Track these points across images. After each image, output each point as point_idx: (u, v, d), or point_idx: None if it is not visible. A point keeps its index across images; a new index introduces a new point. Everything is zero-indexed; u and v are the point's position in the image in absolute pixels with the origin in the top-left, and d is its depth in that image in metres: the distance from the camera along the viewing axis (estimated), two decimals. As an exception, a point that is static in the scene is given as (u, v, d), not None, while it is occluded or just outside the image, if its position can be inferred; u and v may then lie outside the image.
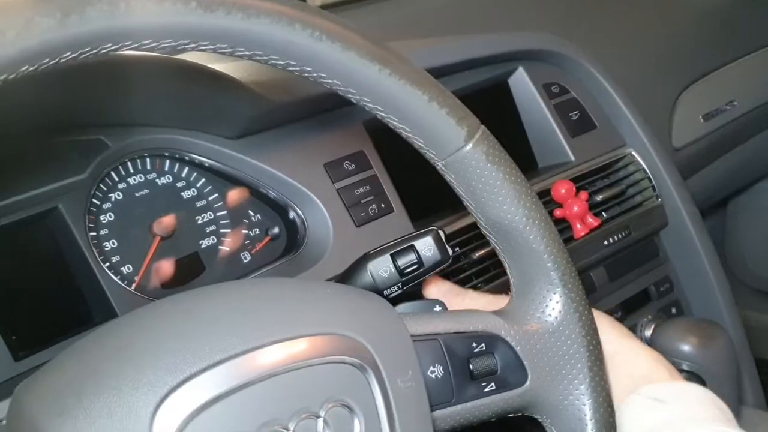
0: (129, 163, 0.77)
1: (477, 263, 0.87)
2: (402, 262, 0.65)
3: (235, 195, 0.82)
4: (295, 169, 0.81)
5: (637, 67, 1.09)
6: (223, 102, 0.73)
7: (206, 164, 0.80)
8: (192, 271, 0.78)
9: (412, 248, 0.65)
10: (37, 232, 0.69)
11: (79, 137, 0.72)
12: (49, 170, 0.70)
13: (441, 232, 0.66)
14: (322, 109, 0.84)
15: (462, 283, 0.82)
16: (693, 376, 0.81)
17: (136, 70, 0.66)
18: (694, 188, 1.07)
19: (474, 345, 0.53)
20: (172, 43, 0.39)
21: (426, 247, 0.65)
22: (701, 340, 0.81)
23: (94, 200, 0.73)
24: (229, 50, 0.41)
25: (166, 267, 0.76)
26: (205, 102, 0.74)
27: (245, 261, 0.81)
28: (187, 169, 0.80)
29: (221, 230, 0.81)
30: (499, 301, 0.60)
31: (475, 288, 0.85)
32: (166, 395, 0.38)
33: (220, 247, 0.80)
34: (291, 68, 0.45)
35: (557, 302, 0.54)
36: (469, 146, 0.51)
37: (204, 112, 0.75)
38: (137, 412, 0.37)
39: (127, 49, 0.38)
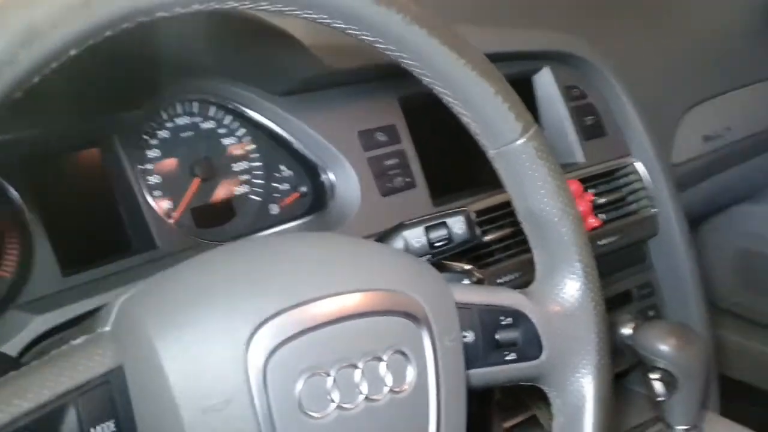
0: (178, 105, 0.80)
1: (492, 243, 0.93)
2: (434, 235, 0.70)
3: (271, 148, 0.86)
4: (332, 133, 0.85)
5: (650, 82, 1.15)
6: (282, 59, 0.77)
7: (247, 115, 0.84)
8: (224, 215, 0.82)
9: (445, 225, 0.71)
10: (90, 159, 0.73)
11: (140, 74, 0.75)
12: (109, 101, 0.73)
13: (472, 214, 0.71)
14: (364, 80, 0.89)
15: (478, 259, 0.88)
16: (667, 375, 0.88)
17: (205, 19, 0.70)
18: (683, 202, 1.13)
19: (501, 318, 0.58)
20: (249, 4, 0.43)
21: (457, 225, 0.71)
22: (679, 343, 0.88)
23: (143, 136, 0.77)
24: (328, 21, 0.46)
25: (202, 208, 0.80)
26: (265, 57, 0.77)
27: (273, 213, 0.86)
28: (230, 117, 0.84)
29: (254, 180, 0.85)
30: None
31: (487, 265, 0.90)
32: (263, 323, 0.42)
33: (251, 196, 0.84)
34: (378, 45, 0.50)
35: (577, 290, 0.60)
36: (523, 140, 0.57)
37: (261, 67, 0.79)
38: (238, 332, 0.42)
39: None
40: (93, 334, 0.44)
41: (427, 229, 0.71)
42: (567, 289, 0.60)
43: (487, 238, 0.92)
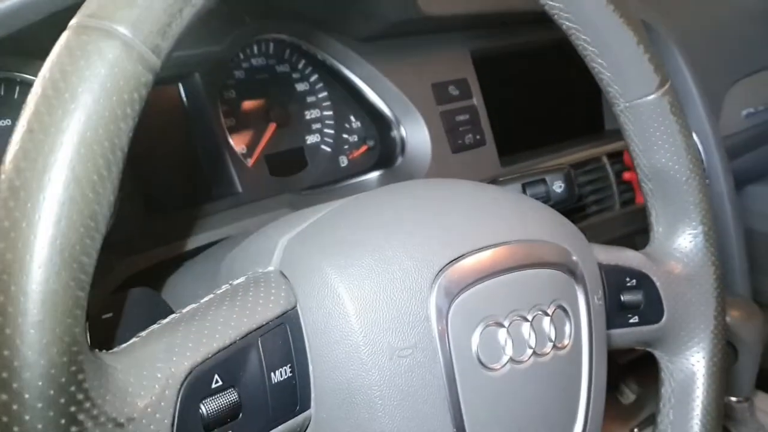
0: (255, 45, 0.76)
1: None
2: (531, 192, 0.68)
3: (342, 97, 0.82)
4: (407, 83, 0.82)
5: (702, 54, 1.13)
6: (371, 1, 0.73)
7: (321, 57, 0.80)
8: (297, 164, 0.78)
9: (543, 182, 0.68)
10: (171, 96, 0.68)
11: (221, 9, 0.70)
12: (191, 35, 0.69)
13: (572, 172, 0.69)
14: (439, 30, 0.85)
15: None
16: (728, 346, 0.87)
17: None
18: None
19: (627, 279, 0.56)
20: None
21: (557, 183, 0.68)
22: (741, 315, 0.87)
23: (222, 75, 0.73)
24: None
25: (276, 155, 0.76)
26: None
27: (343, 165, 0.82)
28: (303, 61, 0.80)
29: (325, 130, 0.81)
30: None
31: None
32: (446, 266, 0.39)
33: (322, 146, 0.81)
34: None
35: (699, 252, 0.58)
36: (658, 94, 0.54)
37: (346, 8, 0.75)
38: (423, 274, 0.39)
39: None
40: (255, 273, 0.40)
41: (525, 186, 0.68)
42: (688, 250, 0.58)
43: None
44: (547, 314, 0.44)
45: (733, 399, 0.90)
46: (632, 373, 0.92)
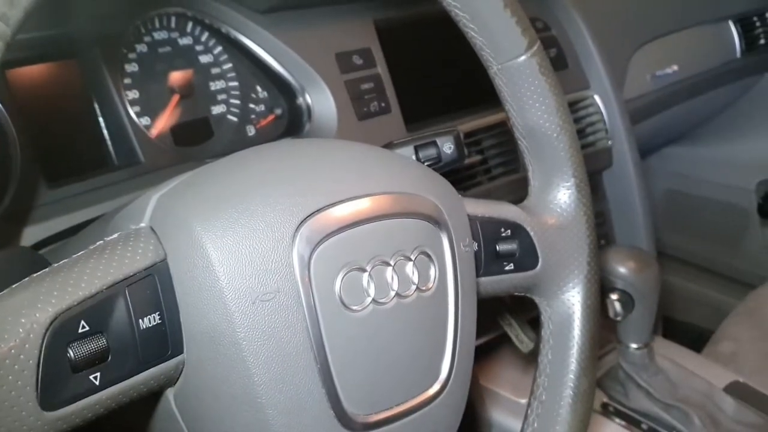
0: (156, 19, 0.78)
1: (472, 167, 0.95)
2: (423, 154, 0.71)
3: (247, 68, 0.84)
4: (310, 53, 0.84)
5: (606, 18, 1.18)
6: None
7: (225, 31, 0.82)
8: (203, 134, 0.80)
9: (434, 144, 0.72)
10: (71, 70, 0.70)
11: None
12: (86, 10, 0.70)
13: (461, 135, 0.73)
14: (341, 0, 0.88)
15: (458, 183, 0.90)
16: (624, 295, 0.93)
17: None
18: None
19: (502, 230, 0.60)
20: None
21: (447, 145, 0.72)
22: (637, 266, 0.93)
23: (122, 49, 0.74)
24: None
25: (181, 126, 0.79)
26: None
27: (250, 134, 0.84)
28: (207, 34, 0.82)
29: (231, 100, 0.83)
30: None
31: (466, 189, 0.92)
32: (308, 217, 0.43)
33: (228, 116, 0.83)
34: None
35: (571, 203, 0.63)
36: (527, 56, 0.58)
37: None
38: (285, 225, 0.42)
39: None
40: (128, 230, 0.43)
41: (417, 149, 0.71)
42: (562, 202, 0.63)
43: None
44: (409, 259, 0.47)
45: (633, 345, 0.96)
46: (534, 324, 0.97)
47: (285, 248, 0.42)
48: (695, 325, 1.66)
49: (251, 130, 0.85)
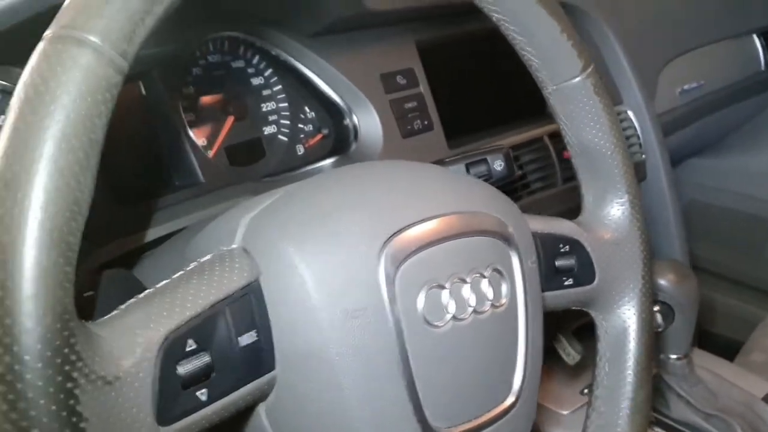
0: (210, 42, 0.80)
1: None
2: (474, 171, 0.73)
3: (296, 89, 0.86)
4: (356, 75, 0.86)
5: (636, 34, 1.20)
6: (319, -1, 0.78)
7: (274, 53, 0.84)
8: (255, 154, 0.83)
9: (485, 161, 0.74)
10: (133, 92, 0.72)
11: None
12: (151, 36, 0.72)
13: (510, 152, 0.75)
14: (385, 23, 0.90)
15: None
16: (666, 307, 0.94)
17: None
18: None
19: (560, 245, 0.62)
20: None
21: (497, 162, 0.74)
22: (677, 278, 0.94)
23: (180, 72, 0.77)
24: None
25: (235, 147, 0.81)
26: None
27: (299, 153, 0.87)
28: (258, 57, 0.84)
29: (281, 120, 0.85)
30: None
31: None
32: (393, 235, 0.45)
33: (279, 136, 0.85)
34: None
35: (625, 219, 0.64)
36: (582, 77, 0.60)
37: (293, 6, 0.79)
38: (372, 243, 0.44)
39: None
40: (219, 251, 0.45)
41: (468, 166, 0.73)
42: (616, 217, 0.64)
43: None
44: (484, 276, 0.49)
45: (673, 356, 0.97)
46: (581, 337, 0.98)
47: (372, 267, 0.44)
48: (723, 335, 1.67)
49: (300, 149, 0.87)
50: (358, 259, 0.44)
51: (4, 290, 0.32)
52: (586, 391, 1.06)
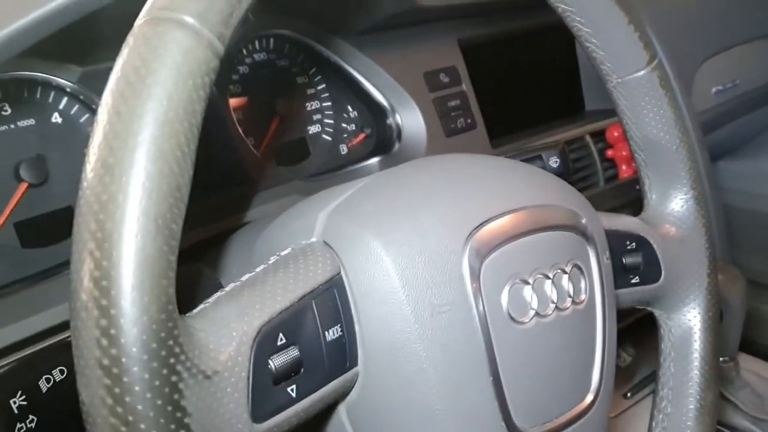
0: (256, 41, 0.79)
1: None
2: (529, 168, 0.72)
3: (339, 88, 0.85)
4: (400, 73, 0.85)
5: (672, 33, 1.18)
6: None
7: (317, 51, 0.83)
8: (300, 153, 0.81)
9: (540, 158, 0.72)
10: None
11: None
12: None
13: (566, 147, 0.73)
14: (427, 20, 0.89)
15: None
16: (713, 309, 0.92)
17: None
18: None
19: (627, 243, 0.61)
20: None
21: (552, 159, 0.73)
22: (726, 279, 0.92)
23: (228, 70, 0.76)
24: None
25: (281, 146, 0.80)
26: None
27: (343, 153, 0.85)
28: (302, 55, 0.83)
29: (325, 120, 0.84)
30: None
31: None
32: (477, 228, 0.43)
33: (323, 135, 0.84)
34: None
35: (690, 215, 0.63)
36: (648, 70, 0.58)
37: (350, 3, 0.78)
38: (456, 235, 0.42)
39: None
40: (299, 245, 0.43)
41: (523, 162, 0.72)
42: (680, 213, 0.63)
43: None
44: (565, 272, 0.48)
45: (721, 359, 0.95)
46: (628, 338, 0.97)
47: (456, 260, 0.43)
48: (755, 341, 1.64)
49: (344, 149, 0.85)
50: (444, 252, 0.42)
51: (108, 280, 0.30)
52: (629, 394, 1.05)
